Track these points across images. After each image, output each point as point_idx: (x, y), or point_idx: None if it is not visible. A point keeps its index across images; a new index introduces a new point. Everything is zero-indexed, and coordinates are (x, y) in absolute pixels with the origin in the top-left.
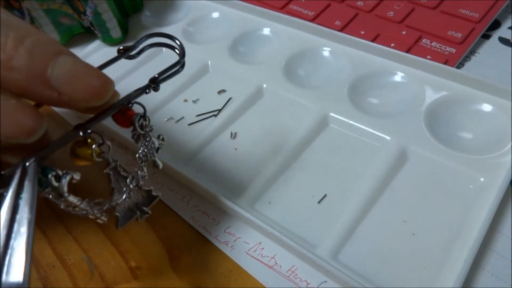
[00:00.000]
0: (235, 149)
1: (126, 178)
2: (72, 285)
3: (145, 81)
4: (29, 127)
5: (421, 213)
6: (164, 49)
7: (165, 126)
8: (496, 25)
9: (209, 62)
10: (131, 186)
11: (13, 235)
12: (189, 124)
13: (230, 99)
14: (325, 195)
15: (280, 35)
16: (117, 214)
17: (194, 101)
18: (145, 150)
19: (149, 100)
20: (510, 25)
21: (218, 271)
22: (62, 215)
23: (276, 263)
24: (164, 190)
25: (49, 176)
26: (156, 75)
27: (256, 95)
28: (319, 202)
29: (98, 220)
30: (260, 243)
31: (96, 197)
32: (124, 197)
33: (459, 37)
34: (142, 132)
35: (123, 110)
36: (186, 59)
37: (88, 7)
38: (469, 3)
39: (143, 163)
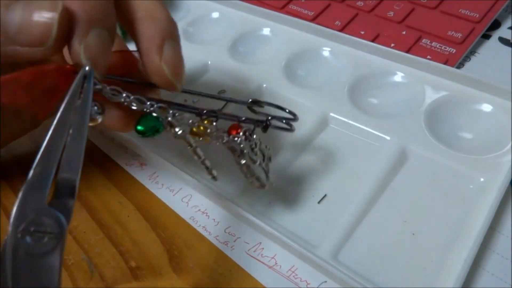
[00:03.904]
0: None
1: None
2: (72, 285)
3: None
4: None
5: (421, 213)
6: None
7: None
8: (496, 25)
9: (209, 62)
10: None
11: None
12: None
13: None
14: (325, 195)
15: (280, 35)
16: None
17: (194, 101)
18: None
19: None
20: (510, 25)
21: (218, 271)
22: None
23: (276, 263)
24: (164, 190)
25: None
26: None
27: (256, 95)
28: (319, 202)
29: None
30: (260, 243)
31: None
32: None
33: (459, 37)
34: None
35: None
36: (186, 59)
37: None
38: (469, 3)
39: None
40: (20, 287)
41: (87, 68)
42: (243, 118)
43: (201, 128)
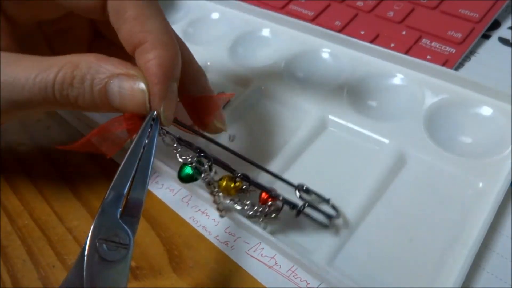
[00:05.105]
0: None
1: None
2: None
3: None
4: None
5: (419, 218)
6: None
7: None
8: (496, 25)
9: (208, 63)
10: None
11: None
12: None
13: (228, 101)
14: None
15: (279, 36)
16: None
17: None
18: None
19: None
20: (510, 25)
21: (218, 271)
22: (62, 215)
23: (276, 263)
24: (164, 190)
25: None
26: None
27: (255, 97)
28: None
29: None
30: (260, 243)
31: None
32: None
33: (459, 37)
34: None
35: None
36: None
37: None
38: (469, 3)
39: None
40: (93, 286)
41: (155, 113)
42: (279, 196)
43: (231, 185)
